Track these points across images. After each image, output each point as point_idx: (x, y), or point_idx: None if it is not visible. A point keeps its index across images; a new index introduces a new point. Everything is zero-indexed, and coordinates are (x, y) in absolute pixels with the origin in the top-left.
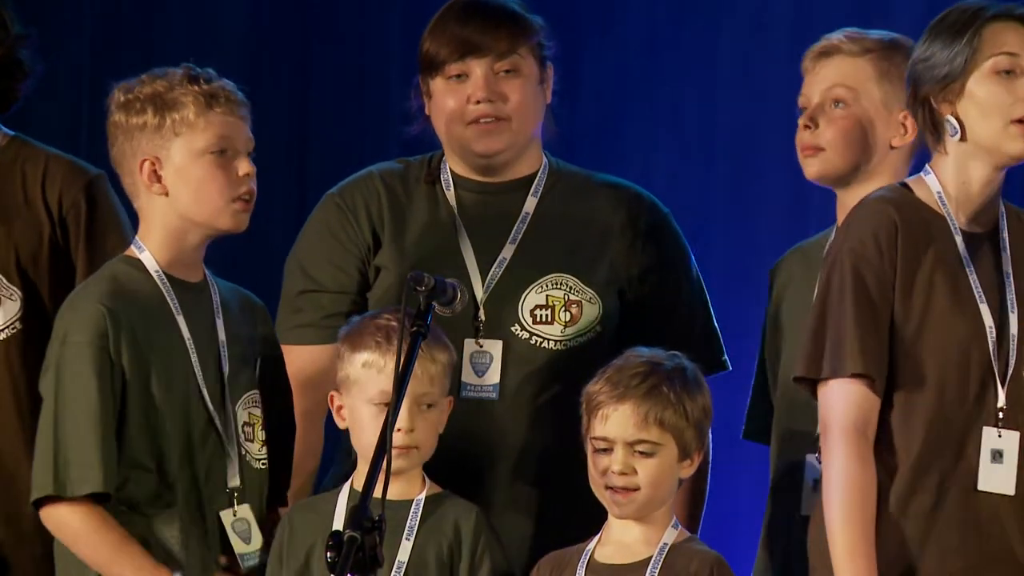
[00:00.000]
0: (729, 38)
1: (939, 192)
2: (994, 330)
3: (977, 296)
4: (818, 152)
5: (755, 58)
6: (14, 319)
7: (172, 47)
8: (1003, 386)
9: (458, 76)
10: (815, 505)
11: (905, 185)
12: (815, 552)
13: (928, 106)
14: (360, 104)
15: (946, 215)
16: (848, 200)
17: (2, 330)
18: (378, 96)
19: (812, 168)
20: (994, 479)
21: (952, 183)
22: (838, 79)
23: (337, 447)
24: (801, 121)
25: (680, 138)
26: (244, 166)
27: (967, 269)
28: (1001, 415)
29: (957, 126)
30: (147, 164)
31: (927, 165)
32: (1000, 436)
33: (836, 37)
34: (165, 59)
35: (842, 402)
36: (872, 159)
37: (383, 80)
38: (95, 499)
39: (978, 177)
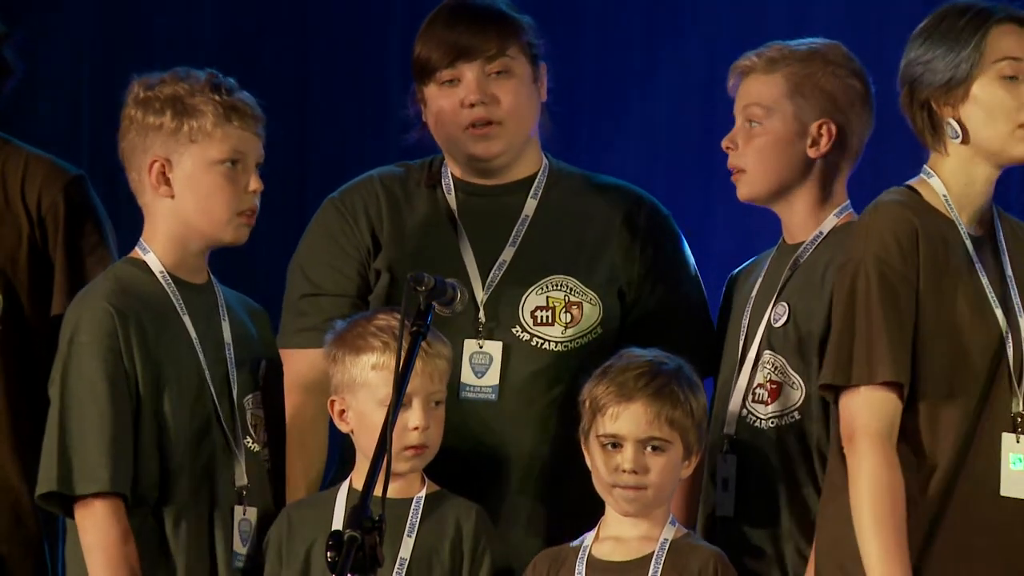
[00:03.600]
0: (729, 39)
1: (944, 195)
2: (1009, 334)
3: (992, 301)
4: (741, 174)
5: None
6: None
7: (170, 49)
8: (1021, 390)
9: (450, 81)
10: (727, 506)
11: (910, 187)
12: (823, 556)
13: (928, 108)
14: (360, 109)
15: (955, 219)
16: (786, 216)
17: None
18: (378, 101)
19: (739, 190)
20: (1017, 484)
21: (955, 184)
22: (751, 98)
23: (334, 450)
24: (723, 143)
25: (680, 139)
26: (253, 182)
27: (979, 273)
28: (1020, 419)
29: (959, 130)
30: (156, 165)
31: (926, 166)
32: (1019, 441)
33: (752, 55)
34: (163, 60)
35: (868, 409)
36: (794, 173)
37: (383, 84)
38: (115, 501)
39: (982, 178)
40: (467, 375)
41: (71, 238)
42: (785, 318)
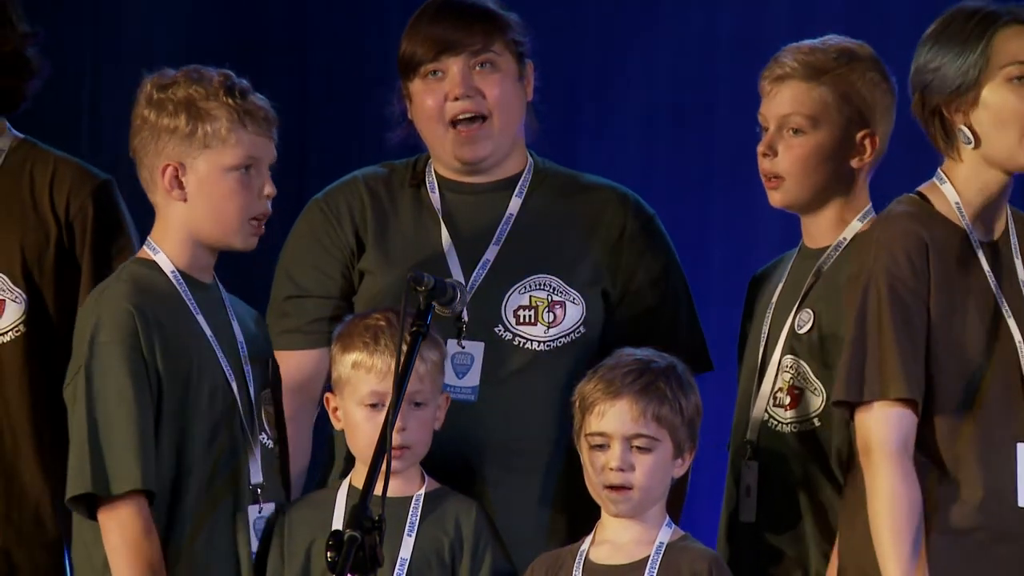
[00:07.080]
0: (728, 40)
1: (957, 203)
2: (1022, 343)
3: (1005, 312)
4: (779, 182)
5: (755, 60)
6: (18, 322)
7: (169, 49)
8: None
9: (434, 73)
10: (751, 511)
11: (921, 195)
12: (847, 563)
13: (940, 115)
14: (360, 109)
15: (966, 227)
16: (811, 224)
17: (6, 332)
18: (377, 101)
19: (775, 197)
20: None
21: (969, 190)
22: (794, 107)
23: (321, 448)
24: (760, 148)
25: (680, 140)
26: (267, 186)
27: (991, 284)
28: None
29: (971, 136)
30: (170, 169)
31: (939, 171)
32: None
33: (788, 60)
34: (162, 60)
35: (884, 424)
36: (835, 183)
37: (382, 85)
38: (140, 500)
39: (995, 184)
40: (448, 375)
41: (99, 242)
42: (810, 325)
